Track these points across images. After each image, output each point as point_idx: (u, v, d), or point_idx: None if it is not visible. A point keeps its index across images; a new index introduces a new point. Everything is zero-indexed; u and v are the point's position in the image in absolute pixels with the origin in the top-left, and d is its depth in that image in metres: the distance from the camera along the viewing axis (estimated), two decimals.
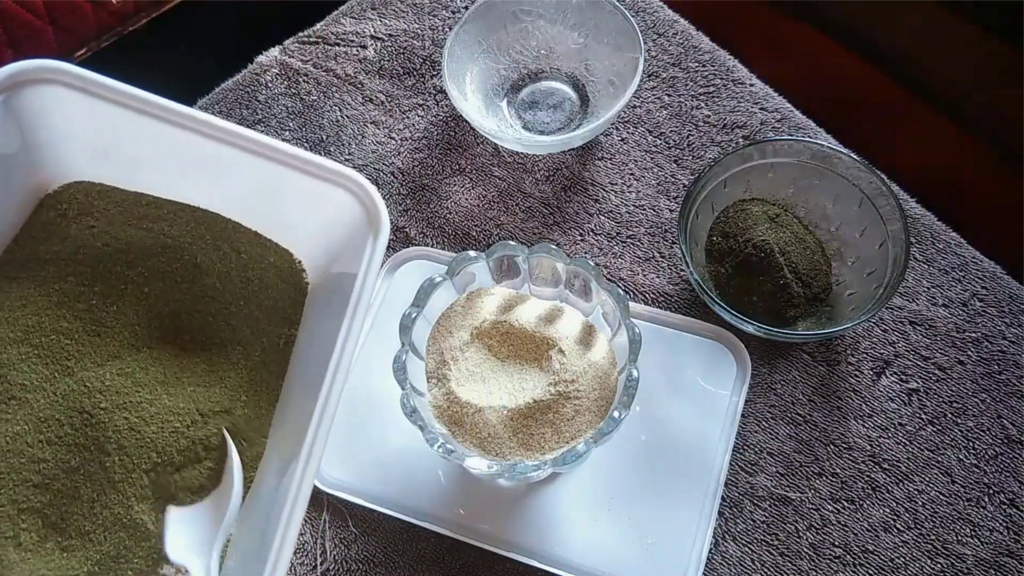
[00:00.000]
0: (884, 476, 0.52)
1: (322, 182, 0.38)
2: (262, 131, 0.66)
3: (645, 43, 0.65)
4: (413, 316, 0.47)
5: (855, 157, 0.55)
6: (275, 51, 0.70)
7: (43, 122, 0.38)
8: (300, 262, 0.46)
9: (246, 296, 0.41)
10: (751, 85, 0.65)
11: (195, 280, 0.40)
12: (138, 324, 0.39)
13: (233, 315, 0.41)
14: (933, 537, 0.51)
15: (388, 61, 0.68)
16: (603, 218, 0.61)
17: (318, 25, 0.70)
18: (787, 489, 0.52)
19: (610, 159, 0.63)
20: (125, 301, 0.39)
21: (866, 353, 0.56)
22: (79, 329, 0.38)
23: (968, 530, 0.51)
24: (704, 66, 0.66)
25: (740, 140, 0.63)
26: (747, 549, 0.51)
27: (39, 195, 0.40)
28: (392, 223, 0.62)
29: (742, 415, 0.53)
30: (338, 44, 0.69)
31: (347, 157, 0.64)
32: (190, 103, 0.67)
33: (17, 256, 0.39)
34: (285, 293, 0.43)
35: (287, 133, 0.65)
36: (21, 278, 0.38)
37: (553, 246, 0.48)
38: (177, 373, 0.40)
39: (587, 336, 0.49)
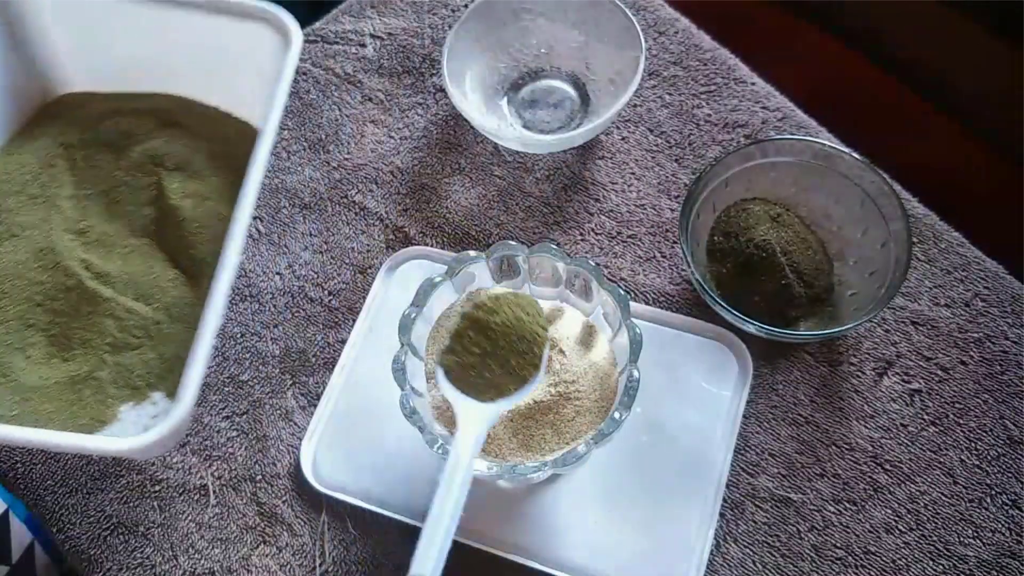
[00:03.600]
0: (886, 477, 0.52)
1: (243, 20, 0.45)
2: None
3: (646, 41, 0.65)
4: (413, 316, 0.47)
5: (857, 156, 0.54)
6: None
7: (33, 28, 0.46)
8: (249, 124, 0.53)
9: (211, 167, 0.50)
10: (752, 84, 0.65)
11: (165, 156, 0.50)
12: (112, 191, 0.48)
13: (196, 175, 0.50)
14: (935, 538, 0.50)
15: (387, 60, 0.68)
16: (604, 218, 0.61)
17: (317, 23, 0.70)
18: (789, 490, 0.52)
19: (611, 158, 0.63)
20: (100, 167, 0.48)
21: (868, 353, 0.55)
22: (66, 182, 0.47)
23: (970, 531, 0.51)
24: (705, 65, 0.65)
25: (741, 139, 0.63)
26: (749, 551, 0.51)
27: (39, 103, 0.50)
28: (392, 222, 0.62)
29: (743, 416, 0.53)
30: (337, 42, 0.69)
31: (346, 156, 0.64)
32: None
33: (16, 140, 0.49)
34: (244, 155, 0.49)
35: (286, 132, 0.65)
36: (20, 151, 0.49)
37: (553, 246, 0.48)
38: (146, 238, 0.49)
39: (588, 337, 0.49)
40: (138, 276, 0.46)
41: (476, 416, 0.42)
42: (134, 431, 0.42)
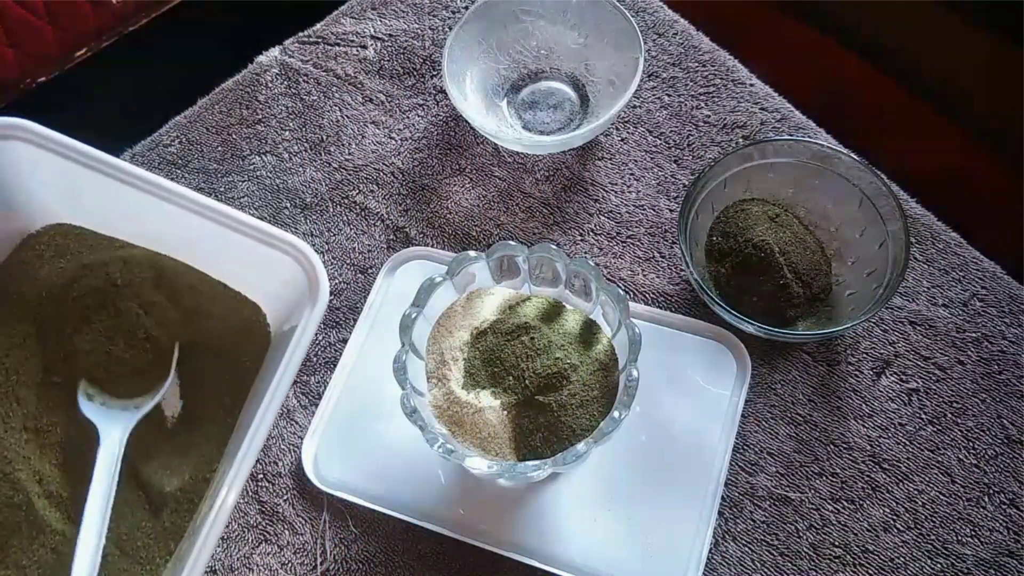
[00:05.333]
0: (884, 476, 0.52)
1: (268, 247, 0.40)
2: (263, 131, 0.66)
3: (645, 43, 0.65)
4: (413, 316, 0.47)
5: (855, 157, 0.55)
6: (275, 51, 0.70)
7: (19, 172, 0.40)
8: (265, 316, 0.46)
9: (202, 345, 0.43)
10: (751, 85, 0.65)
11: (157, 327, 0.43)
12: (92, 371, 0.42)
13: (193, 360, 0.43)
14: (933, 537, 0.51)
15: (388, 61, 0.68)
16: (603, 218, 0.61)
17: (318, 25, 0.70)
18: (787, 489, 0.52)
19: (610, 159, 0.63)
20: (79, 343, 0.41)
21: (866, 353, 0.56)
22: (33, 367, 0.40)
23: (968, 530, 0.51)
24: (704, 66, 0.66)
25: (740, 140, 0.63)
26: (747, 549, 0.51)
27: (23, 235, 0.42)
28: (392, 222, 0.62)
29: (742, 415, 0.53)
30: (338, 44, 0.69)
31: (347, 157, 0.64)
32: (191, 103, 0.68)
33: None
34: (249, 345, 0.45)
35: (287, 133, 0.65)
36: None
37: (553, 246, 0.48)
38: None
39: (588, 334, 0.49)
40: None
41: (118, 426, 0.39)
42: None
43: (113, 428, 0.39)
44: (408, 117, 0.66)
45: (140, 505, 0.39)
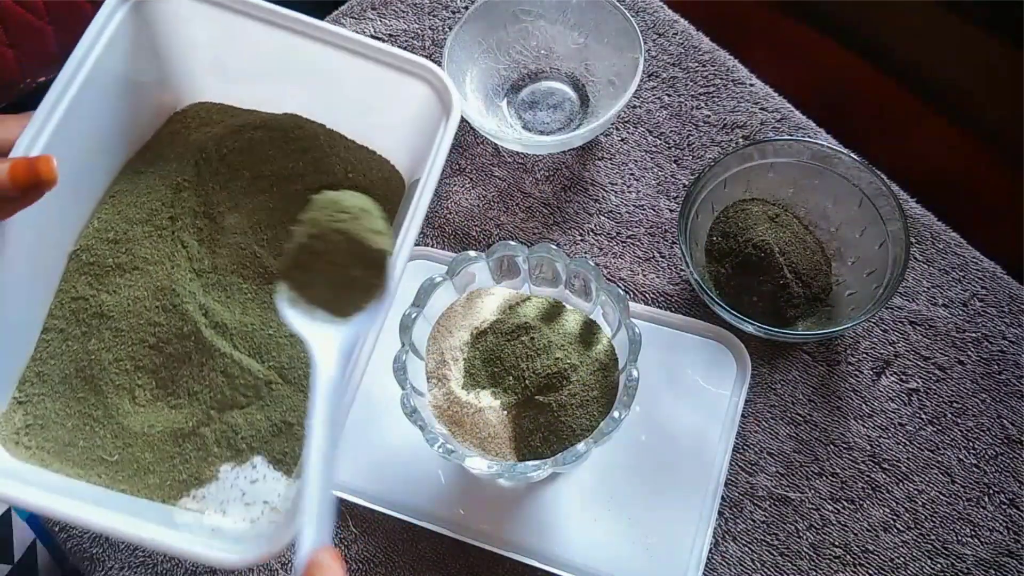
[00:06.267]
0: (884, 476, 0.52)
1: (402, 74, 0.42)
2: None
3: (645, 43, 0.65)
4: (413, 316, 0.47)
5: (855, 157, 0.55)
6: None
7: (171, 38, 0.44)
8: (395, 168, 0.48)
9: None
10: (751, 85, 0.65)
11: (298, 182, 0.46)
12: (246, 220, 0.45)
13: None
14: (933, 537, 0.51)
15: None
16: (603, 218, 0.61)
17: None
18: (787, 489, 0.52)
19: (610, 159, 0.63)
20: (232, 194, 0.45)
21: (866, 353, 0.56)
22: (193, 212, 0.44)
23: (968, 530, 0.51)
24: (704, 66, 0.66)
25: (740, 140, 0.63)
26: (747, 549, 0.51)
27: (168, 112, 0.47)
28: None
29: (742, 415, 0.53)
30: None
31: None
32: None
33: (146, 156, 0.46)
34: (385, 199, 0.46)
35: None
36: (148, 172, 0.45)
37: (553, 246, 0.48)
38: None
39: (588, 333, 0.49)
40: (255, 329, 0.43)
41: (331, 343, 0.38)
42: (231, 493, 0.40)
43: (324, 343, 0.38)
44: None
45: (298, 339, 0.42)
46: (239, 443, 0.41)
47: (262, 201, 0.45)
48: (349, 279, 0.38)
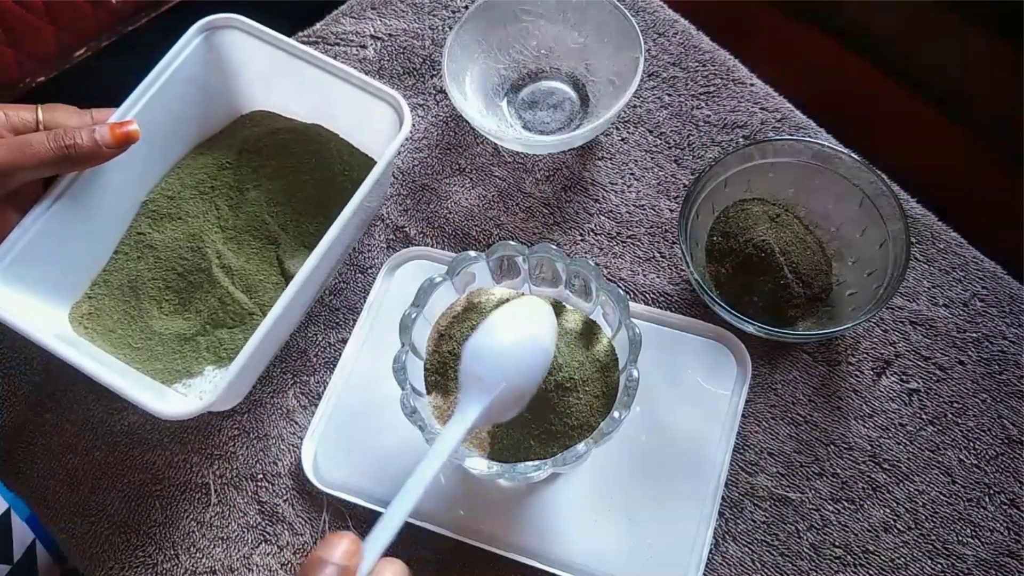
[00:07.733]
0: (884, 476, 0.52)
1: (376, 98, 0.55)
2: None
3: (645, 43, 0.65)
4: (413, 316, 0.47)
5: (855, 157, 0.55)
6: None
7: (233, 62, 0.59)
8: (374, 161, 0.60)
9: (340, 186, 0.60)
10: (751, 85, 0.65)
11: (312, 168, 0.60)
12: (264, 196, 0.60)
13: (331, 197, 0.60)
14: (934, 537, 0.51)
15: (388, 61, 0.68)
16: (603, 218, 0.61)
17: (318, 25, 0.70)
18: (787, 489, 0.52)
19: (610, 159, 0.63)
20: (258, 176, 0.60)
21: (866, 353, 0.56)
22: (228, 185, 0.60)
23: (969, 530, 0.51)
24: (704, 66, 0.66)
25: (740, 140, 0.63)
26: (747, 549, 0.51)
27: (236, 115, 0.63)
28: (392, 222, 0.62)
29: (742, 415, 0.53)
30: (338, 44, 0.69)
31: None
32: None
33: (210, 143, 0.62)
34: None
35: None
36: (207, 153, 0.61)
37: (553, 246, 0.48)
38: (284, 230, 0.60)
39: (588, 333, 0.49)
40: (251, 274, 0.57)
41: (473, 415, 0.43)
42: (208, 387, 0.55)
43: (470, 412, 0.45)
44: None
45: (280, 285, 0.58)
46: (222, 352, 0.55)
47: (278, 184, 0.59)
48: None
